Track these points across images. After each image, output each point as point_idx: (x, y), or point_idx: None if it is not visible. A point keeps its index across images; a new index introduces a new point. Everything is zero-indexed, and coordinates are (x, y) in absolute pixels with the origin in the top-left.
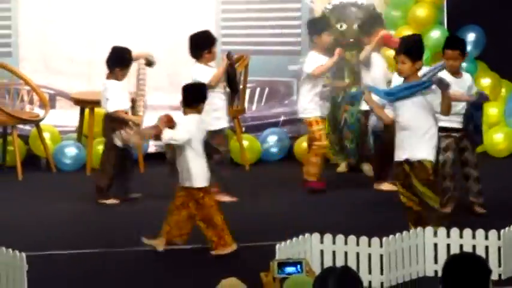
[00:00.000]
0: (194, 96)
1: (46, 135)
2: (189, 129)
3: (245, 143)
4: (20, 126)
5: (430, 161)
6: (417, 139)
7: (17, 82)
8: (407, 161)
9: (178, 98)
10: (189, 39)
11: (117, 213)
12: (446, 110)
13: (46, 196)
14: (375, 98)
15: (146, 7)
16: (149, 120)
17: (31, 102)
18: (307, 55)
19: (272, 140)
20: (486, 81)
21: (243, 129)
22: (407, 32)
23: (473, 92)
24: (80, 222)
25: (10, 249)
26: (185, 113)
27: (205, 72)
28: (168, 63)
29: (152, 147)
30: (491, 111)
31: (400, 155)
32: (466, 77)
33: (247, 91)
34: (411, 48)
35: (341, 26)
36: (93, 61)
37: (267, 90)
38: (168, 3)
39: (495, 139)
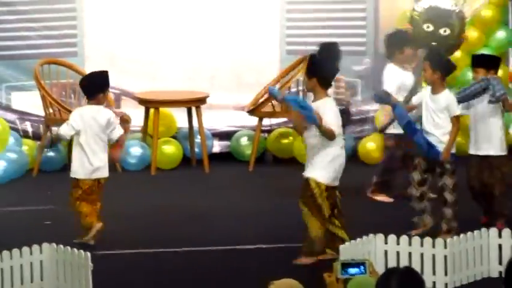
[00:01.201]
0: (92, 86)
1: None
2: (73, 123)
3: None
4: None
5: (314, 181)
6: (311, 158)
7: None
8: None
9: (244, 98)
10: (384, 38)
11: (184, 211)
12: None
13: (111, 194)
14: None
15: (211, 9)
16: None
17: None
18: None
19: None
20: None
21: None
22: (472, 33)
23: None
24: (143, 220)
25: (75, 249)
26: (88, 104)
27: (395, 74)
28: (234, 65)
29: (216, 147)
30: None
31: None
32: (441, 96)
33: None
34: (309, 67)
35: (428, 27)
36: (158, 61)
37: None
38: (233, 4)
39: None
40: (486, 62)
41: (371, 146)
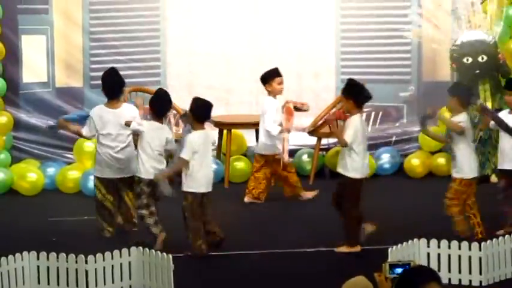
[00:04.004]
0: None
1: None
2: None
3: None
4: None
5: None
6: None
7: None
8: None
9: (304, 120)
10: None
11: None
12: None
13: None
14: None
15: (277, 43)
16: None
17: (177, 124)
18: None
19: (385, 157)
20: None
21: None
22: None
23: None
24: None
25: (158, 252)
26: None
27: None
28: (296, 92)
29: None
30: None
31: None
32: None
33: (364, 115)
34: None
35: (467, 60)
36: (231, 89)
37: (380, 114)
38: (296, 39)
39: None
40: None
41: (415, 162)
